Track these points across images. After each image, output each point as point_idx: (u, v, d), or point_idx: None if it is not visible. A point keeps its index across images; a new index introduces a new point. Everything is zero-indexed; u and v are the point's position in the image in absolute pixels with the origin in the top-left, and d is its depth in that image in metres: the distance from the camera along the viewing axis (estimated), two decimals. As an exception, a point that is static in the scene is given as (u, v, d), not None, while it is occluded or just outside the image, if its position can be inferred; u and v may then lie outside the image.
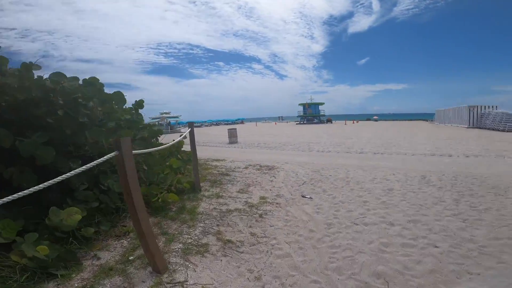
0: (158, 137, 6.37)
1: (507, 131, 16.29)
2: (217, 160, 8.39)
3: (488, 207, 3.55)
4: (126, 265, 2.38)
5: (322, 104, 42.78)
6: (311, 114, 41.44)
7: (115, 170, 3.45)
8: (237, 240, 3.01)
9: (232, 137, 14.68)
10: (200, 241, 2.97)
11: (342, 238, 2.97)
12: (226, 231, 3.24)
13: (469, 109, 20.92)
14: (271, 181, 5.50)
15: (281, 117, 65.23)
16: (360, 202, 4.03)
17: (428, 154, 8.40)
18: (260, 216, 3.69)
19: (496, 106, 19.82)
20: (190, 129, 4.27)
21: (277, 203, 4.19)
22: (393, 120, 48.49)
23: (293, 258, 2.61)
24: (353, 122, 40.04)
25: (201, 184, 5.08)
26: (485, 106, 20.36)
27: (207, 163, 7.77)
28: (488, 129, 18.41)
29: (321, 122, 41.09)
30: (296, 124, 40.87)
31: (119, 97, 4.26)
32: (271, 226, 3.38)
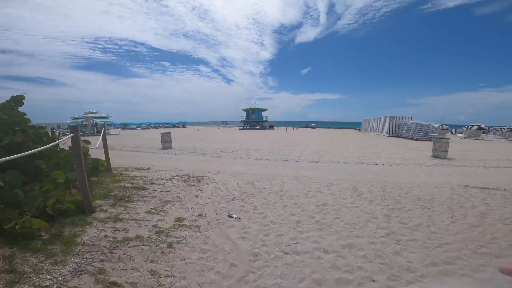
0: (58, 138, 4.91)
1: (420, 140, 18.81)
2: (140, 169, 7.12)
3: (418, 224, 3.41)
4: None
5: (265, 110, 43.45)
6: (254, 119, 41.68)
7: None
8: (127, 282, 2.17)
9: (166, 142, 13.25)
10: (66, 283, 2.07)
11: (268, 276, 2.34)
12: (113, 269, 2.34)
13: (389, 119, 23.54)
14: (196, 196, 4.66)
15: (225, 122, 64.31)
16: (293, 222, 3.51)
17: (358, 162, 8.71)
18: (170, 245, 2.86)
19: (411, 117, 22.73)
20: (73, 134, 3.12)
21: (196, 226, 3.39)
22: (328, 127, 52.55)
23: (202, 314, 1.88)
24: (293, 129, 41.86)
25: (99, 203, 3.92)
26: (402, 117, 23.12)
27: (125, 173, 6.47)
28: (404, 137, 20.97)
29: (263, 128, 41.72)
30: (239, 129, 40.62)
31: None
32: (181, 260, 2.58)
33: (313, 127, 49.92)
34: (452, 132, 28.90)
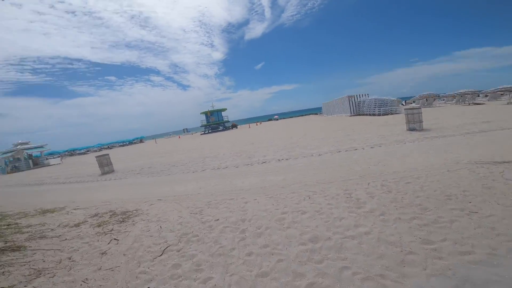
0: None
1: (382, 115, 18.44)
2: (47, 211, 4.91)
3: (489, 252, 1.90)
4: None
5: (224, 110, 41.21)
6: (214, 122, 39.33)
7: None
8: None
9: (104, 166, 10.71)
10: None
11: None
12: None
13: (348, 99, 23.18)
14: (104, 253, 2.72)
15: (186, 129, 60.64)
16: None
17: (334, 151, 7.35)
18: None
19: (368, 94, 22.55)
20: None
21: None
22: (291, 117, 52.26)
23: None
24: (257, 124, 40.52)
25: None
26: (360, 95, 22.88)
27: (16, 222, 4.21)
28: (366, 114, 20.61)
29: (226, 128, 39.63)
30: (201, 134, 38.07)
31: None
32: None
33: (276, 119, 49.16)
34: (403, 104, 29.76)
